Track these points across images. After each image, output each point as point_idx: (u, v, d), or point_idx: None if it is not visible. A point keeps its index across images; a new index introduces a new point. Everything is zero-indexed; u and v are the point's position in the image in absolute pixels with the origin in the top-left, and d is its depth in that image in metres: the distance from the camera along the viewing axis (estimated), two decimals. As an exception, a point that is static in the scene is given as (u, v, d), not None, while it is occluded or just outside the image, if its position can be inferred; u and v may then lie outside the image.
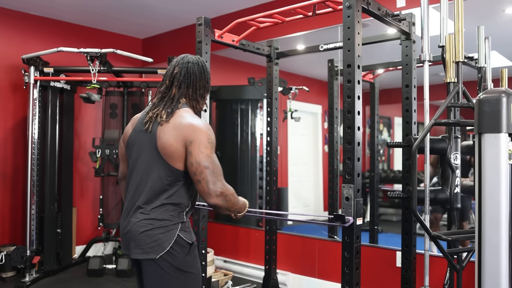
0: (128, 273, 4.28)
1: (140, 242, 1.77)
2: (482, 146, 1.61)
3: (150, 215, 1.78)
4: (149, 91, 4.71)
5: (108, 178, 4.76)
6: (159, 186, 1.80)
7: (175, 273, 1.78)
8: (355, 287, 2.18)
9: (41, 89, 4.28)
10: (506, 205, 1.62)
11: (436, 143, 2.60)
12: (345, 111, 2.20)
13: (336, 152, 4.09)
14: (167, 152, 1.79)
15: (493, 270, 1.63)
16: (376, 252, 3.56)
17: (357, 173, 2.15)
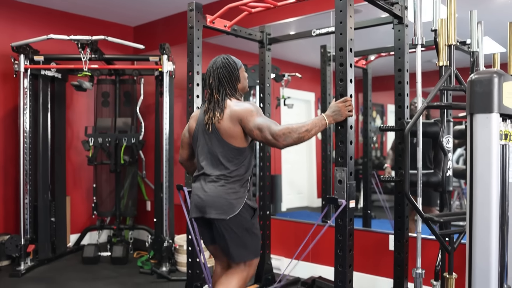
0: (123, 260, 4.30)
1: (217, 204, 2.24)
2: (474, 126, 1.62)
3: (224, 185, 2.27)
4: (141, 79, 4.68)
5: (102, 166, 4.75)
6: (226, 162, 2.29)
7: (241, 232, 2.28)
8: (348, 268, 2.20)
9: (31, 77, 4.24)
10: (496, 185, 1.64)
11: (428, 127, 2.61)
12: (337, 94, 2.21)
13: (329, 138, 4.10)
14: (228, 135, 2.28)
15: (483, 251, 1.65)
16: (369, 236, 3.59)
17: (349, 156, 2.16)
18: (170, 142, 4.24)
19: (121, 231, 4.70)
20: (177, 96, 4.51)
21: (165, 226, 4.18)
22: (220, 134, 2.29)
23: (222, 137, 2.29)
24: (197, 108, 2.97)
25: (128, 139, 4.49)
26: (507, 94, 1.63)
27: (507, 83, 1.63)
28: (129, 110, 4.82)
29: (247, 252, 2.34)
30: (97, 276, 3.95)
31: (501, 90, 1.60)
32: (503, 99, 1.61)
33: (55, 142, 4.56)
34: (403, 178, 2.44)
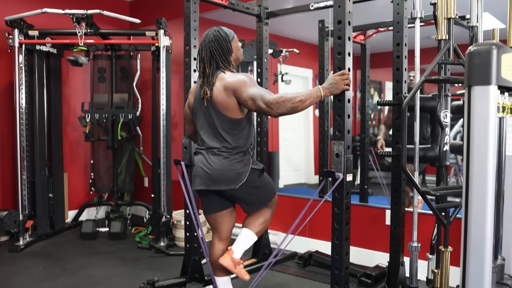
0: (121, 236, 4.33)
1: (224, 177, 2.33)
2: (471, 98, 1.61)
3: (228, 157, 2.34)
4: (138, 54, 4.64)
5: (99, 142, 4.74)
6: (225, 134, 2.34)
7: (253, 190, 2.43)
8: (345, 242, 2.22)
9: (26, 53, 4.18)
10: (493, 158, 1.64)
11: (426, 101, 2.60)
12: (335, 68, 2.19)
13: (327, 114, 4.09)
14: (224, 107, 2.31)
15: (479, 223, 1.66)
16: (366, 211, 3.62)
17: (347, 129, 2.16)
18: (167, 118, 4.22)
19: (119, 207, 4.72)
20: (174, 72, 4.48)
21: (163, 202, 4.19)
22: (217, 107, 2.33)
23: (219, 110, 2.33)
24: (194, 83, 2.96)
25: (125, 115, 4.47)
26: (506, 66, 1.62)
27: (506, 55, 1.62)
28: (126, 86, 4.78)
29: (265, 200, 2.52)
30: (96, 251, 3.98)
31: (499, 62, 1.59)
32: (501, 71, 1.60)
33: (51, 118, 4.53)
34: (400, 153, 2.45)
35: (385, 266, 2.99)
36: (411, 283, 2.63)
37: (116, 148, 4.65)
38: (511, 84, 1.66)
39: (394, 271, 2.73)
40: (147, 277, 2.98)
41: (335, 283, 2.27)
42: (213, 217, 2.53)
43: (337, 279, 2.26)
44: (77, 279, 3.27)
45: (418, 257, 2.65)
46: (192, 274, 2.95)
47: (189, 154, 2.92)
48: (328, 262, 3.35)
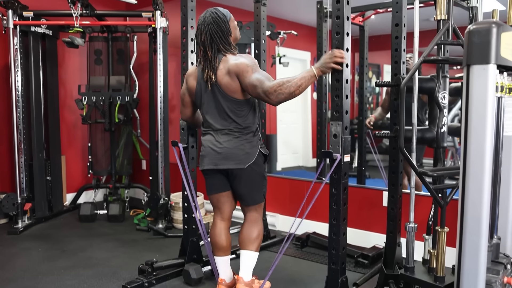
0: (120, 218, 4.34)
1: (234, 156, 2.40)
2: (470, 78, 1.61)
3: (239, 137, 2.41)
4: (134, 36, 4.60)
5: (96, 125, 4.72)
6: (234, 115, 2.39)
7: (257, 177, 2.49)
8: (342, 222, 2.24)
9: (21, 34, 4.14)
10: (491, 138, 1.64)
11: (424, 82, 2.59)
12: (333, 48, 2.18)
13: (325, 96, 4.08)
14: (230, 90, 2.36)
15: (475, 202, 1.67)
16: (363, 192, 3.63)
17: (345, 110, 2.15)
18: (164, 100, 4.21)
19: (117, 189, 4.73)
20: (171, 54, 4.45)
21: (160, 184, 4.20)
22: (223, 90, 2.38)
23: (225, 92, 2.38)
24: (191, 64, 2.93)
25: (122, 97, 4.44)
26: (505, 45, 1.61)
27: (506, 34, 1.61)
28: (123, 68, 4.75)
29: (260, 196, 2.57)
30: (94, 233, 4.00)
31: (499, 40, 1.58)
32: (501, 50, 1.59)
33: (48, 100, 4.51)
34: (398, 134, 2.45)
35: (382, 247, 3.01)
36: (408, 263, 2.65)
37: (114, 130, 4.64)
38: (510, 63, 1.66)
39: (391, 252, 2.74)
40: (145, 258, 2.99)
41: (332, 263, 2.29)
42: (217, 197, 2.60)
43: (334, 259, 2.28)
44: (76, 260, 3.29)
45: (414, 238, 2.66)
46: (191, 255, 2.97)
47: (187, 136, 2.92)
48: (325, 243, 3.37)
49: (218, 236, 2.63)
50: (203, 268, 2.91)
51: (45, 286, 2.82)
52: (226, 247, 2.65)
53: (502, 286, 1.88)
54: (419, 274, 2.62)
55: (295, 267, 3.19)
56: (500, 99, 1.85)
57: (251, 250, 2.56)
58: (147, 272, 2.82)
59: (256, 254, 2.59)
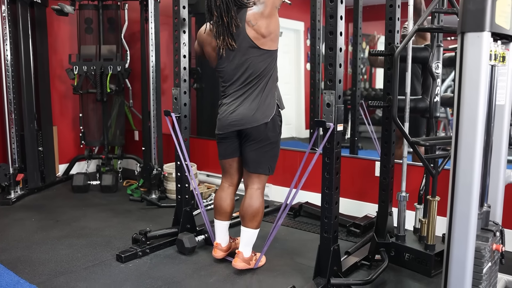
0: (113, 188, 4.35)
1: (248, 115, 2.45)
2: (464, 46, 1.59)
3: (257, 97, 2.46)
4: (125, 4, 4.50)
5: (88, 95, 4.67)
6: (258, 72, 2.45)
7: (267, 144, 2.52)
8: (335, 191, 2.25)
9: (9, 2, 4.04)
10: (483, 106, 1.63)
11: (418, 52, 2.58)
12: (327, 16, 2.15)
13: (318, 65, 4.04)
14: (263, 34, 2.40)
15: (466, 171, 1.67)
16: (356, 162, 3.65)
17: (338, 79, 2.14)
18: (156, 70, 4.16)
19: (110, 160, 4.72)
20: (163, 23, 4.37)
21: (153, 155, 4.20)
22: (253, 41, 2.41)
23: (260, 48, 2.43)
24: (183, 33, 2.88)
25: (113, 67, 4.39)
26: (500, 12, 1.59)
27: (501, 1, 1.58)
28: (114, 37, 4.67)
29: (265, 167, 2.59)
30: (88, 204, 4.01)
31: (494, 7, 1.55)
32: (495, 17, 1.57)
33: (38, 70, 4.44)
34: (391, 104, 2.44)
35: (374, 216, 3.04)
36: (399, 232, 2.69)
37: (105, 101, 4.60)
38: (505, 30, 1.64)
39: (383, 221, 2.78)
40: (139, 228, 3.02)
41: (324, 231, 2.32)
42: (230, 162, 2.67)
43: (327, 228, 2.30)
44: (70, 230, 3.31)
45: (406, 207, 2.70)
46: (184, 224, 2.99)
47: (179, 105, 2.90)
48: (318, 212, 3.40)
49: (223, 201, 2.70)
50: (197, 237, 2.94)
51: (39, 255, 2.84)
52: (228, 213, 2.72)
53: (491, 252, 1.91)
54: (409, 243, 2.66)
55: (288, 236, 3.23)
56: (493, 67, 1.84)
57: (251, 227, 2.58)
58: (141, 241, 2.85)
59: (255, 232, 2.61)
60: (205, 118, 5.12)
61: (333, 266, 2.32)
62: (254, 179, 2.60)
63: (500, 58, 1.75)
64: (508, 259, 2.26)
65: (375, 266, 2.65)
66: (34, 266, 2.67)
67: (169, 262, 2.76)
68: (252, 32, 2.40)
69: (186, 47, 2.92)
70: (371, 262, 2.68)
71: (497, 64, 1.78)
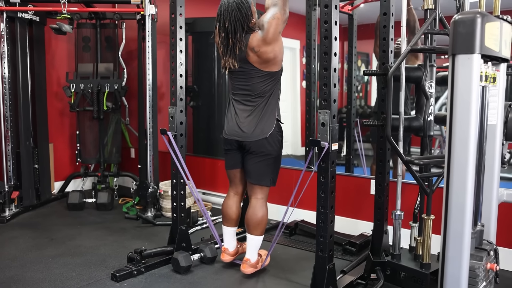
0: (108, 206, 4.34)
1: (257, 131, 2.61)
2: (455, 67, 1.62)
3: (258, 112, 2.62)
4: (123, 23, 4.55)
5: (84, 113, 4.68)
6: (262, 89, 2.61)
7: (268, 158, 2.65)
8: (330, 210, 2.26)
9: (8, 20, 4.07)
10: (475, 126, 1.66)
11: (411, 71, 2.61)
12: (322, 36, 2.18)
13: (314, 84, 4.09)
14: (263, 59, 2.53)
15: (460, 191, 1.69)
16: (351, 180, 3.66)
17: (333, 99, 2.17)
18: (153, 88, 4.19)
19: (106, 178, 4.72)
20: (160, 41, 4.42)
21: (149, 172, 4.20)
22: (254, 65, 2.56)
23: (257, 67, 2.56)
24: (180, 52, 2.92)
25: (110, 85, 4.41)
26: (490, 35, 1.63)
27: (490, 24, 1.62)
28: (111, 55, 4.71)
29: (267, 179, 2.73)
30: (83, 222, 3.99)
31: (483, 30, 1.59)
32: (485, 40, 1.60)
33: (35, 88, 4.46)
34: (385, 122, 2.47)
35: (369, 234, 3.04)
36: (394, 251, 2.69)
37: (102, 118, 4.62)
38: (494, 53, 1.68)
39: (378, 239, 2.78)
40: (134, 246, 3.01)
41: (320, 250, 2.32)
42: (234, 172, 2.87)
43: (322, 247, 2.31)
44: (65, 249, 3.29)
45: (401, 226, 2.70)
46: (179, 243, 2.98)
47: (176, 124, 2.92)
48: (313, 231, 3.41)
49: (229, 208, 2.89)
50: (192, 256, 2.93)
51: (33, 275, 2.82)
52: (235, 219, 2.90)
53: (486, 272, 1.92)
54: (405, 261, 2.66)
55: (283, 255, 3.22)
56: (484, 88, 1.87)
57: (255, 235, 2.75)
58: (136, 260, 2.84)
59: (260, 238, 2.79)
60: (201, 136, 5.13)
61: (329, 285, 2.32)
62: (257, 190, 2.76)
63: (490, 79, 1.78)
64: (503, 278, 2.27)
65: (371, 285, 2.65)
66: (28, 286, 2.65)
67: (164, 281, 2.75)
68: (255, 58, 2.54)
69: (183, 66, 2.95)
70: (366, 281, 2.67)
71: (488, 85, 1.81)
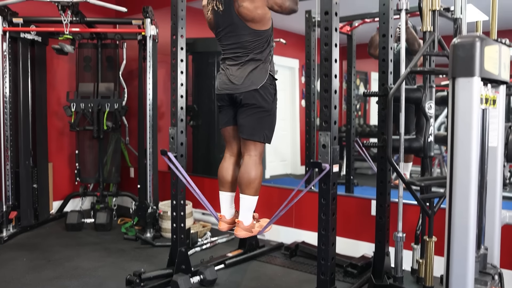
0: (107, 227, 4.31)
1: (247, 82, 2.44)
2: (455, 90, 1.62)
3: (249, 66, 2.45)
4: (124, 43, 4.58)
5: (84, 132, 4.68)
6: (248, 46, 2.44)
7: (260, 110, 2.47)
8: (331, 232, 2.24)
9: (10, 41, 4.11)
10: (476, 149, 1.65)
11: (411, 93, 2.62)
12: (322, 59, 2.20)
13: (313, 104, 4.10)
14: (255, 20, 2.40)
15: (462, 213, 1.68)
16: (352, 201, 3.65)
17: (333, 120, 2.17)
18: (153, 108, 4.20)
19: (105, 197, 4.69)
20: (160, 61, 4.44)
21: (149, 193, 4.18)
22: (244, 22, 2.41)
23: (246, 24, 2.41)
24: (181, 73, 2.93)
25: (111, 104, 4.43)
26: (489, 58, 1.64)
27: (489, 47, 1.63)
28: (112, 75, 4.73)
29: (260, 134, 2.54)
30: (81, 242, 3.96)
31: (482, 54, 1.60)
32: (484, 63, 1.61)
33: (36, 107, 4.47)
34: (385, 143, 2.47)
35: (371, 256, 3.02)
36: (396, 273, 2.66)
37: (102, 138, 4.62)
38: (494, 76, 1.68)
39: (380, 261, 2.76)
40: (133, 268, 2.97)
41: (321, 273, 2.29)
42: (228, 130, 2.67)
43: (324, 269, 2.28)
44: (62, 271, 3.25)
45: (403, 247, 2.68)
46: (179, 265, 2.95)
47: (176, 144, 2.91)
48: (314, 252, 3.37)
49: (225, 171, 2.69)
50: (192, 278, 2.90)
51: (30, 296, 2.79)
52: (231, 183, 2.70)
53: (489, 296, 1.89)
54: (407, 284, 2.63)
55: (284, 277, 3.19)
56: (484, 110, 1.87)
57: (248, 194, 2.56)
58: (135, 283, 2.80)
59: (254, 198, 2.59)
60: (201, 156, 5.13)
61: (330, 309, 2.28)
62: (250, 146, 2.57)
63: (491, 102, 1.78)
64: (506, 301, 2.24)
65: (372, 308, 2.61)
66: (25, 309, 2.62)
67: (163, 304, 2.71)
68: (238, 11, 2.42)
69: (183, 87, 2.96)
70: (368, 304, 2.64)
71: (488, 107, 1.81)
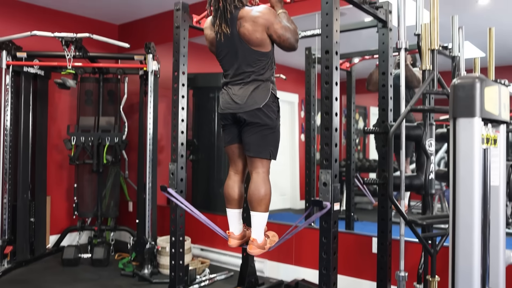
0: (104, 262, 4.24)
1: (250, 101, 2.47)
2: (456, 130, 1.63)
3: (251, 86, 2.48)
4: (125, 77, 4.63)
5: (84, 166, 4.68)
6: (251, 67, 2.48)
7: (265, 128, 2.49)
8: (333, 271, 2.21)
9: (13, 74, 4.16)
10: (479, 189, 1.65)
11: (411, 130, 2.63)
12: (323, 97, 2.21)
13: (313, 140, 4.11)
14: (256, 43, 2.45)
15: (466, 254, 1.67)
16: (353, 238, 3.61)
17: (334, 158, 2.17)
18: (153, 142, 4.21)
19: (102, 232, 4.64)
20: (161, 96, 4.48)
21: (147, 228, 4.14)
22: (245, 41, 2.45)
23: (247, 44, 2.45)
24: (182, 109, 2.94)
25: (111, 138, 4.44)
26: (489, 99, 1.65)
27: (489, 88, 1.65)
28: (113, 109, 4.77)
29: (266, 151, 2.54)
30: (77, 279, 3.89)
31: (483, 95, 1.61)
32: (484, 104, 1.63)
33: (36, 140, 4.48)
34: (386, 181, 2.46)
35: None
36: (398, 313, 2.61)
37: (101, 172, 4.61)
38: (494, 116, 1.69)
39: (381, 301, 2.71)
40: (130, 306, 2.91)
41: (322, 313, 2.24)
42: (232, 148, 2.67)
43: (324, 309, 2.23)
44: (58, 308, 3.19)
45: (405, 287, 2.63)
46: (177, 303, 2.89)
47: (176, 180, 2.90)
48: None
49: (230, 188, 2.68)
50: (189, 316, 2.83)
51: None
52: (237, 200, 2.69)
53: (494, 339, 1.85)
54: (410, 325, 2.57)
55: (283, 315, 3.12)
56: (486, 150, 1.88)
57: (260, 211, 2.55)
58: (131, 321, 2.74)
59: (265, 215, 2.58)
60: (200, 190, 5.10)
61: None
62: (257, 164, 2.56)
63: (492, 141, 1.79)
64: None
65: None
66: None
67: None
68: (239, 31, 2.46)
69: (184, 123, 2.98)
70: None
71: (490, 147, 1.82)
